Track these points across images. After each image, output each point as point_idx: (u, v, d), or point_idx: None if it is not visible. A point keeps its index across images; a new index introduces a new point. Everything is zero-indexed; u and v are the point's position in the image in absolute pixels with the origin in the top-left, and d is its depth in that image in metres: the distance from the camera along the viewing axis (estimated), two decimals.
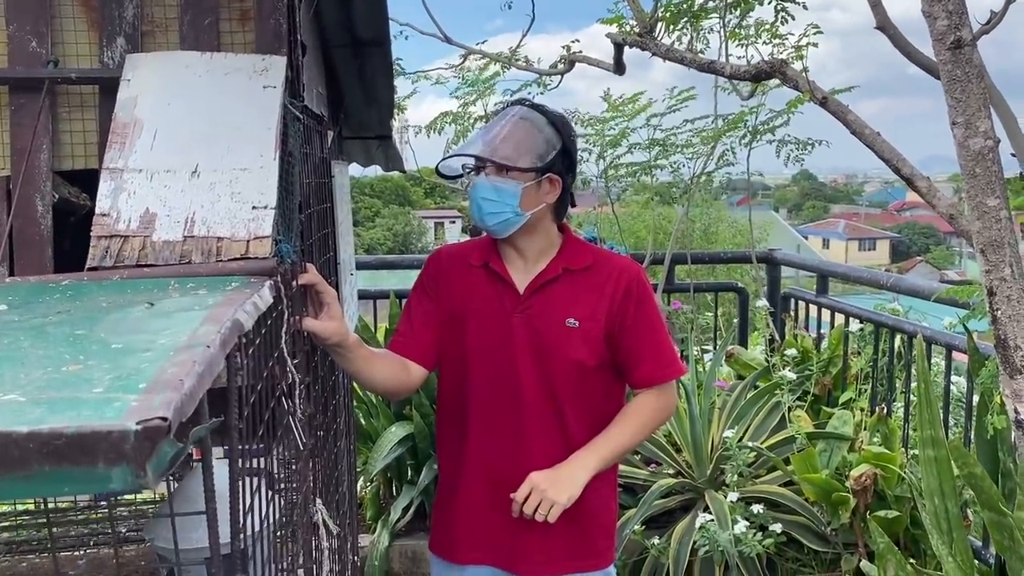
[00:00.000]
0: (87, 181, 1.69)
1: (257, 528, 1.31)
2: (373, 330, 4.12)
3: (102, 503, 2.34)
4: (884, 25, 2.14)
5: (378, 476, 3.77)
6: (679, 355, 2.10)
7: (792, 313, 4.64)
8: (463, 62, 4.84)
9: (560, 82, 4.41)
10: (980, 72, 1.60)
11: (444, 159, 2.04)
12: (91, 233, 1.41)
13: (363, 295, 4.06)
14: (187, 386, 0.78)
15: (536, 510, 1.86)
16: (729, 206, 18.75)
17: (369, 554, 3.52)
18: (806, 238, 46.88)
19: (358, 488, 3.73)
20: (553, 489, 1.86)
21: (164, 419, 0.69)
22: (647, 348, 1.98)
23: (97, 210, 1.44)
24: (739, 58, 3.26)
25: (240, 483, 1.17)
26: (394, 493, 3.82)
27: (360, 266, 3.92)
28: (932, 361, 3.59)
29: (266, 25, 1.69)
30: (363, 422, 3.88)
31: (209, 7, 1.69)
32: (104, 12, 1.67)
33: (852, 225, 54.95)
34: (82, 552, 2.06)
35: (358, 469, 3.60)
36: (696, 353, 4.36)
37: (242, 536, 1.19)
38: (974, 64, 1.57)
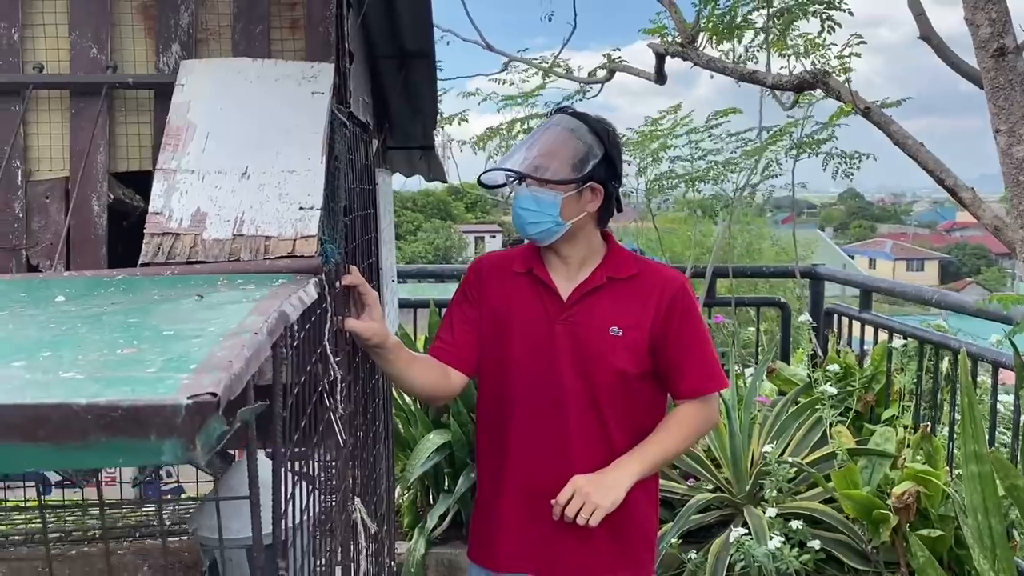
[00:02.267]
0: (139, 184, 1.75)
1: (297, 520, 1.34)
2: (413, 339, 4.16)
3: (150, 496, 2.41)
4: (928, 35, 2.13)
5: (415, 483, 3.79)
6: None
7: (835, 329, 4.59)
8: (503, 70, 4.90)
9: (600, 91, 4.44)
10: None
11: (485, 172, 2.06)
12: (144, 230, 1.46)
13: (403, 304, 4.11)
14: (236, 367, 0.81)
15: (578, 513, 1.85)
16: (773, 224, 18.51)
17: (406, 561, 3.54)
18: (852, 258, 46.13)
19: (396, 495, 3.76)
20: (597, 493, 1.86)
21: (214, 395, 0.73)
22: (692, 359, 1.97)
23: (151, 209, 1.49)
24: (781, 68, 3.26)
25: (282, 473, 1.20)
26: (431, 501, 3.84)
27: (400, 275, 3.97)
28: (979, 379, 3.53)
29: (315, 33, 1.74)
30: (401, 429, 3.91)
31: (261, 16, 1.75)
32: (161, 20, 1.74)
33: (900, 245, 53.94)
34: (129, 542, 2.13)
35: (396, 476, 3.63)
36: (737, 368, 4.33)
37: (283, 526, 1.22)
38: (1017, 72, 1.56)
